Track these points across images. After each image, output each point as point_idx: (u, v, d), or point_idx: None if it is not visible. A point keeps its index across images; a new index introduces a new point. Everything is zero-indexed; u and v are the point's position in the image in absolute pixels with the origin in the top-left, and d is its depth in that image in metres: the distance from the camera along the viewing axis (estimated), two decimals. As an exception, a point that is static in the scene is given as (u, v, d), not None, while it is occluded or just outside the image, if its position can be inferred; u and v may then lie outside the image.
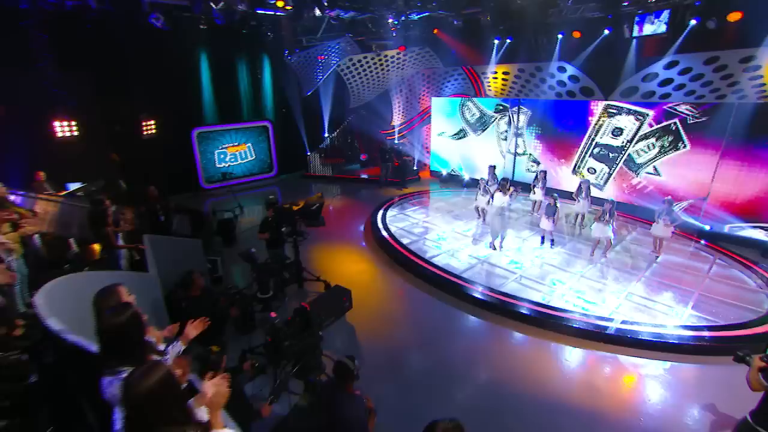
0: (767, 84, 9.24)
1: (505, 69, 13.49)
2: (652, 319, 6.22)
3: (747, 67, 9.31)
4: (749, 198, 9.01)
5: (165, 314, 5.22)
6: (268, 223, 6.58)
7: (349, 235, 10.26)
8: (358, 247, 9.54)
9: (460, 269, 7.88)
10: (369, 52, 14.25)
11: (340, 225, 11.04)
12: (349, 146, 18.71)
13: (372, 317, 6.51)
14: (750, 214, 9.07)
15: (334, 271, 8.14)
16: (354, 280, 7.77)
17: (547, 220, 8.52)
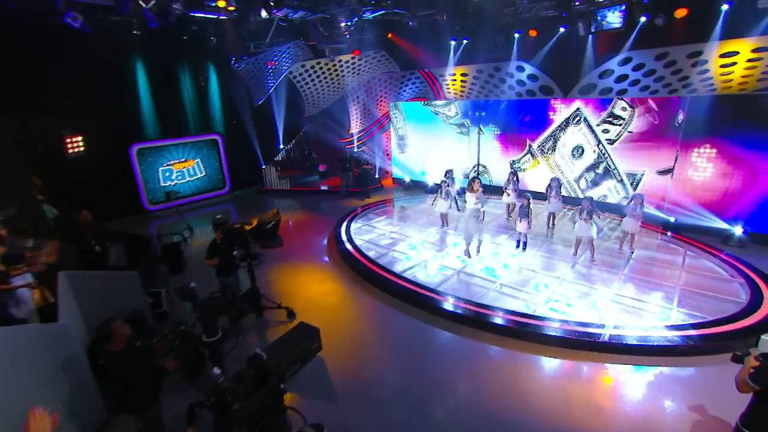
0: (715, 78, 9.50)
1: (463, 70, 13.27)
2: (642, 321, 5.91)
3: (695, 62, 9.53)
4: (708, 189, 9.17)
5: (89, 374, 4.24)
6: (217, 247, 5.70)
7: (311, 253, 9.44)
8: (323, 265, 8.76)
9: (435, 282, 7.31)
10: (322, 57, 13.58)
11: (301, 242, 10.21)
12: (307, 157, 17.88)
13: (344, 346, 5.76)
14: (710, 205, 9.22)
15: (298, 294, 7.32)
16: (320, 303, 7.00)
17: (521, 223, 8.16)
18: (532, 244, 8.66)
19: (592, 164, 10.70)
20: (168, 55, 12.40)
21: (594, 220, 7.63)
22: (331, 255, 9.12)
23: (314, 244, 9.96)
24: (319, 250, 9.62)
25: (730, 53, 9.14)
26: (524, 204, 8.17)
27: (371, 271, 7.76)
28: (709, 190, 9.08)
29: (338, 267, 8.47)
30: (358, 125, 16.72)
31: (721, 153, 8.79)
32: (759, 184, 8.49)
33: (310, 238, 10.47)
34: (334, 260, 8.84)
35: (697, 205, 9.29)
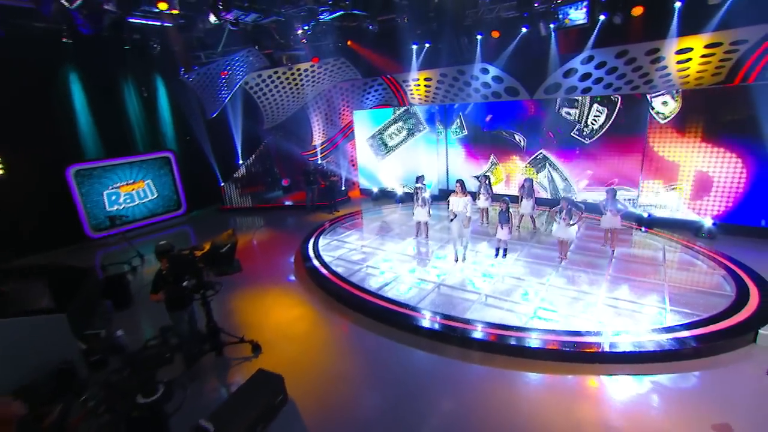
0: (673, 74, 9.63)
1: (426, 75, 12.99)
2: (639, 324, 5.57)
3: (654, 59, 9.64)
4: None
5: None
6: (163, 279, 4.86)
7: (277, 274, 8.63)
8: (291, 287, 7.97)
9: (415, 299, 6.72)
10: (280, 66, 12.92)
11: (266, 263, 9.39)
12: (269, 172, 16.99)
13: (318, 383, 5.02)
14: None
15: (264, 323, 6.52)
16: (289, 332, 6.23)
17: (502, 229, 7.72)
18: (511, 249, 8.27)
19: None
20: (107, 66, 11.33)
21: (572, 221, 7.34)
22: (300, 275, 8.35)
23: (280, 265, 9.15)
24: (285, 270, 8.82)
25: (685, 50, 9.30)
26: (503, 209, 7.76)
27: (344, 291, 7.08)
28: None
29: (307, 288, 7.72)
30: (321, 136, 16.09)
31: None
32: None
33: (275, 258, 9.65)
34: (302, 281, 8.08)
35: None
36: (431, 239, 9.48)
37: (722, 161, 8.73)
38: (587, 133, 10.25)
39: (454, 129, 12.55)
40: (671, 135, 9.09)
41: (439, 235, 9.88)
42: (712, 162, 8.81)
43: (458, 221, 7.79)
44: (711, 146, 8.73)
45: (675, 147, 9.09)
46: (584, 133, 10.29)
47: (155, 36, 10.67)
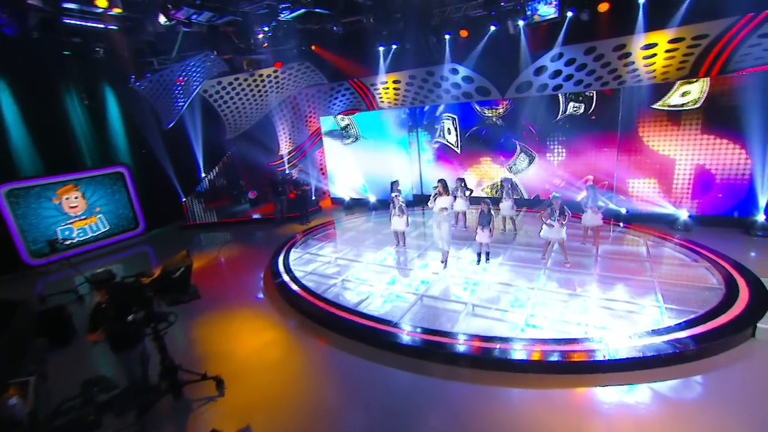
0: (640, 69, 9.67)
1: (395, 77, 12.62)
2: (635, 326, 5.25)
3: (621, 55, 9.64)
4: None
5: None
6: (102, 313, 4.10)
7: (245, 294, 7.88)
8: (260, 308, 7.25)
9: (397, 313, 6.18)
10: (241, 72, 12.19)
11: (232, 282, 8.62)
12: (234, 184, 16.09)
13: (294, 421, 4.37)
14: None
15: (230, 353, 5.78)
16: (259, 361, 5.54)
17: (482, 232, 7.34)
18: (493, 253, 7.90)
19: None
20: (44, 73, 10.24)
21: (563, 221, 7.05)
22: (269, 294, 7.64)
23: (249, 283, 8.39)
24: (254, 289, 8.08)
25: (650, 45, 9.35)
26: (484, 211, 7.35)
27: (318, 309, 6.44)
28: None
29: (279, 308, 7.02)
30: (289, 144, 15.40)
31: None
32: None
33: (243, 276, 8.89)
34: (273, 300, 7.37)
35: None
36: (409, 247, 8.99)
37: (694, 154, 8.79)
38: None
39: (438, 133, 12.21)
40: (651, 129, 9.10)
41: (417, 242, 9.41)
42: (686, 155, 8.86)
43: (435, 222, 7.48)
44: (690, 139, 8.79)
45: (660, 140, 9.09)
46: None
47: (99, 39, 9.74)
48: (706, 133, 8.59)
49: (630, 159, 9.42)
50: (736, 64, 8.86)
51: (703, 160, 8.75)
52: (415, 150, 12.76)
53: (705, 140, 8.66)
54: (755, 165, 8.27)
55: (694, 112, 8.61)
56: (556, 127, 10.23)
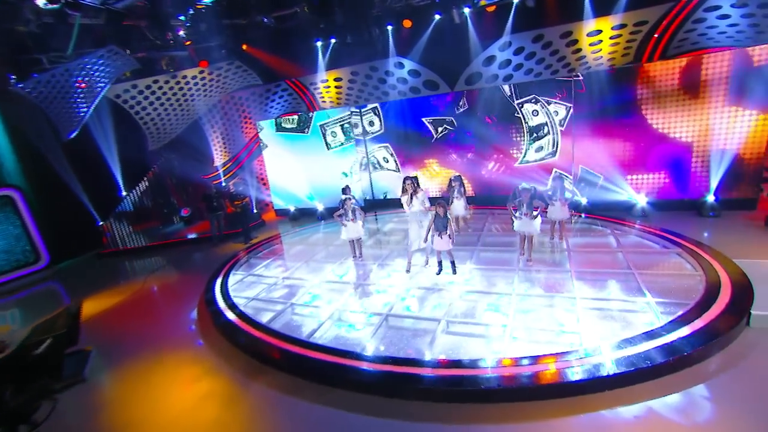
0: (587, 56, 9.51)
1: (336, 75, 11.68)
2: (630, 326, 4.67)
3: (568, 42, 9.43)
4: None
5: None
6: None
7: (175, 334, 6.49)
8: (193, 351, 5.91)
9: (361, 341, 5.19)
10: (161, 74, 10.63)
11: (158, 320, 7.15)
12: (164, 202, 14.25)
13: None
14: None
15: (151, 418, 4.47)
16: (192, 424, 4.29)
17: (441, 239, 6.47)
18: (459, 257, 7.10)
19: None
20: None
21: (533, 212, 6.45)
22: (205, 331, 6.33)
23: (179, 320, 6.99)
24: (186, 326, 6.71)
25: (596, 32, 9.22)
26: (439, 214, 6.39)
27: (264, 345, 5.29)
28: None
29: (216, 349, 5.75)
30: (224, 154, 13.90)
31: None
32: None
33: (174, 310, 7.46)
34: (209, 338, 6.07)
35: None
36: (366, 258, 8.05)
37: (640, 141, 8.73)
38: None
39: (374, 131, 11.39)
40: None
41: (375, 251, 8.50)
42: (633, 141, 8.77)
43: (414, 221, 6.74)
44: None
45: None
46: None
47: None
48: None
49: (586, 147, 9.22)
50: (675, 50, 8.92)
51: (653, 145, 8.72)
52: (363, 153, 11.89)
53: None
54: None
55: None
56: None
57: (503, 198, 7.54)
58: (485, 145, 10.23)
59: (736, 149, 8.14)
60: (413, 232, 6.88)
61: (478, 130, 10.14)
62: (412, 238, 6.93)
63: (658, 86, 8.42)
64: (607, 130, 8.98)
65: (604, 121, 8.94)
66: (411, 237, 6.96)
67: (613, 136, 8.97)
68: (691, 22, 8.60)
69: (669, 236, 7.11)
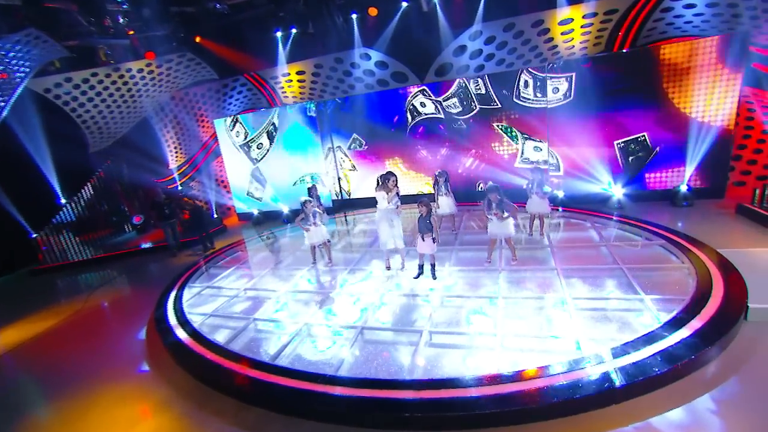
0: (559, 45, 9.28)
1: (298, 68, 10.95)
2: (627, 327, 4.29)
3: (540, 31, 9.15)
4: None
5: None
6: None
7: (117, 360, 5.60)
8: (137, 380, 5.09)
9: (335, 361, 4.57)
10: (101, 67, 9.52)
11: (99, 346, 6.20)
12: (113, 209, 13.00)
13: None
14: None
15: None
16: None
17: (424, 241, 5.88)
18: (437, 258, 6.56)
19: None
20: None
21: (508, 213, 6.00)
22: (153, 355, 5.50)
23: (125, 343, 6.10)
24: (133, 350, 5.83)
25: (567, 20, 8.98)
26: (423, 214, 5.84)
27: (224, 372, 4.56)
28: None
29: (166, 377, 4.96)
30: (179, 156, 12.83)
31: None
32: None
33: (119, 331, 6.55)
34: (158, 364, 5.26)
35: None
36: (336, 264, 7.42)
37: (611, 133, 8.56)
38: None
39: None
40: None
41: (347, 255, 7.88)
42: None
43: (385, 220, 6.22)
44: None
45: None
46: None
47: None
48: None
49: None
50: (645, 39, 8.83)
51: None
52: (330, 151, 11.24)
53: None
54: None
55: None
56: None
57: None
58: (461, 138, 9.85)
59: (708, 138, 8.10)
60: (384, 232, 6.34)
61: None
62: (383, 239, 6.39)
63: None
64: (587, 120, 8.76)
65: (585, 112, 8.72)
66: (382, 238, 6.42)
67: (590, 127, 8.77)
68: (659, 11, 8.51)
69: (650, 228, 6.91)
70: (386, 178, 6.25)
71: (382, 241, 6.43)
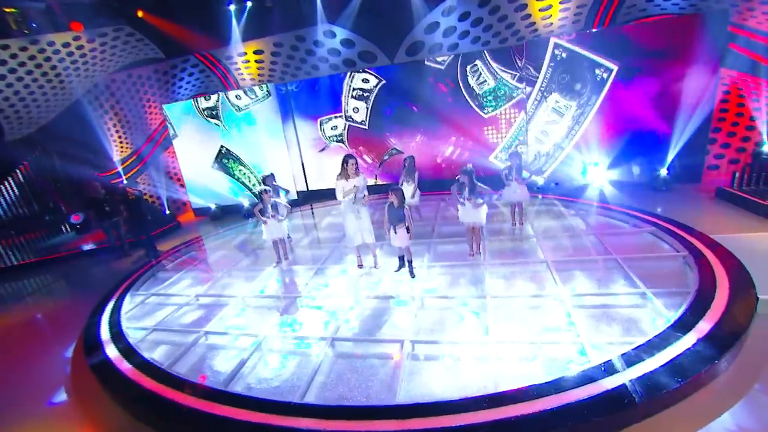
0: (537, 23, 8.77)
1: (256, 47, 9.91)
2: (634, 326, 3.80)
3: (517, 7, 8.59)
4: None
5: None
6: None
7: (35, 387, 4.61)
8: (56, 416, 4.14)
9: (301, 382, 3.83)
10: (13, 38, 8.11)
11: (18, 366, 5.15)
12: (46, 207, 11.51)
13: None
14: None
15: None
16: None
17: (396, 234, 5.19)
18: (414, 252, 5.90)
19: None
20: None
21: (479, 199, 5.42)
22: (79, 382, 4.55)
23: (47, 365, 5.08)
24: (53, 378, 4.83)
25: (545, -5, 8.47)
26: (394, 204, 5.13)
27: (166, 404, 3.71)
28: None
29: (94, 409, 4.05)
30: (124, 147, 11.49)
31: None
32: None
33: (42, 351, 5.48)
34: (81, 395, 4.32)
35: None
36: (299, 262, 6.64)
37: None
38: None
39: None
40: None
41: (315, 253, 7.10)
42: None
43: (350, 212, 5.48)
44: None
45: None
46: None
47: None
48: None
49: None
50: (624, 16, 8.46)
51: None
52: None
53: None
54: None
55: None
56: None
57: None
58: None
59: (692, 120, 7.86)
60: (350, 226, 5.59)
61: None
62: (350, 233, 5.65)
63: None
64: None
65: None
66: (348, 232, 5.67)
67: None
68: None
69: (636, 214, 6.56)
70: (344, 161, 5.45)
71: (349, 237, 5.69)
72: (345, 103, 9.55)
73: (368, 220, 5.56)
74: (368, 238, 5.63)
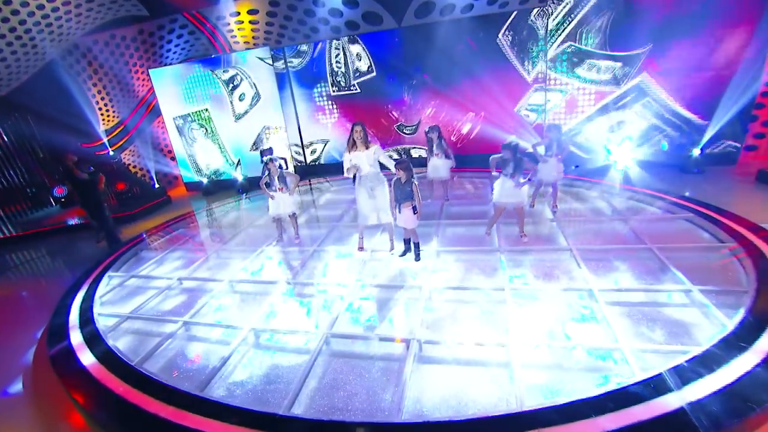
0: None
1: (250, 6, 9.03)
2: (683, 331, 3.21)
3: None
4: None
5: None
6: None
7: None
8: (14, 418, 3.62)
9: (290, 388, 3.27)
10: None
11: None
12: (28, 179, 10.86)
13: None
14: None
15: None
16: None
17: (402, 213, 4.56)
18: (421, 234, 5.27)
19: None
20: None
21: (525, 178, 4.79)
22: (40, 374, 4.01)
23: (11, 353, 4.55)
24: (13, 365, 4.30)
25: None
26: (401, 180, 4.44)
27: (126, 409, 3.16)
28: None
29: (47, 406, 3.52)
30: (111, 117, 10.75)
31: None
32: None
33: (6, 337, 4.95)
34: (39, 389, 3.80)
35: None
36: (304, 242, 6.02)
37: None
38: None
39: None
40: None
41: (313, 232, 6.48)
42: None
43: (363, 189, 4.81)
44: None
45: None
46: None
47: None
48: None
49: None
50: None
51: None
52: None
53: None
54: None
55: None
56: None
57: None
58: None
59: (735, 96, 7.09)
60: (363, 202, 4.95)
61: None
62: (364, 211, 5.01)
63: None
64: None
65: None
66: (361, 210, 5.03)
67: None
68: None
69: (670, 198, 5.89)
70: (351, 131, 4.76)
71: (363, 216, 5.04)
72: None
73: (385, 199, 4.87)
74: (384, 218, 4.97)
